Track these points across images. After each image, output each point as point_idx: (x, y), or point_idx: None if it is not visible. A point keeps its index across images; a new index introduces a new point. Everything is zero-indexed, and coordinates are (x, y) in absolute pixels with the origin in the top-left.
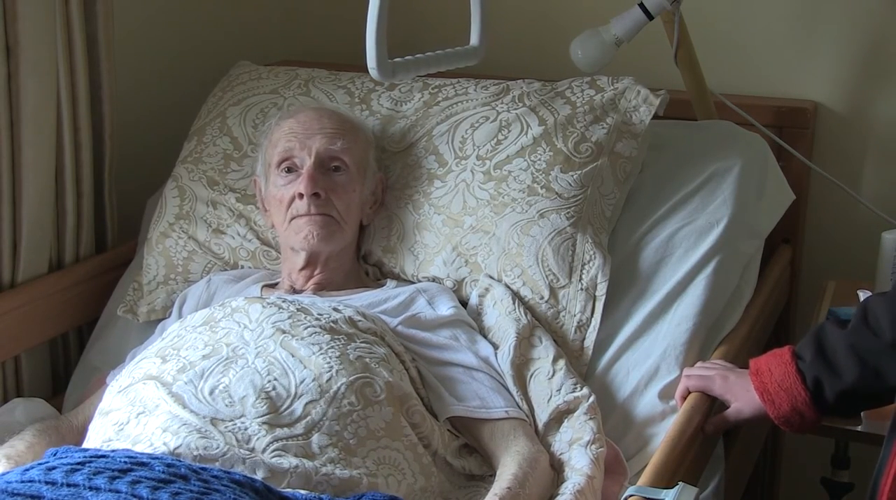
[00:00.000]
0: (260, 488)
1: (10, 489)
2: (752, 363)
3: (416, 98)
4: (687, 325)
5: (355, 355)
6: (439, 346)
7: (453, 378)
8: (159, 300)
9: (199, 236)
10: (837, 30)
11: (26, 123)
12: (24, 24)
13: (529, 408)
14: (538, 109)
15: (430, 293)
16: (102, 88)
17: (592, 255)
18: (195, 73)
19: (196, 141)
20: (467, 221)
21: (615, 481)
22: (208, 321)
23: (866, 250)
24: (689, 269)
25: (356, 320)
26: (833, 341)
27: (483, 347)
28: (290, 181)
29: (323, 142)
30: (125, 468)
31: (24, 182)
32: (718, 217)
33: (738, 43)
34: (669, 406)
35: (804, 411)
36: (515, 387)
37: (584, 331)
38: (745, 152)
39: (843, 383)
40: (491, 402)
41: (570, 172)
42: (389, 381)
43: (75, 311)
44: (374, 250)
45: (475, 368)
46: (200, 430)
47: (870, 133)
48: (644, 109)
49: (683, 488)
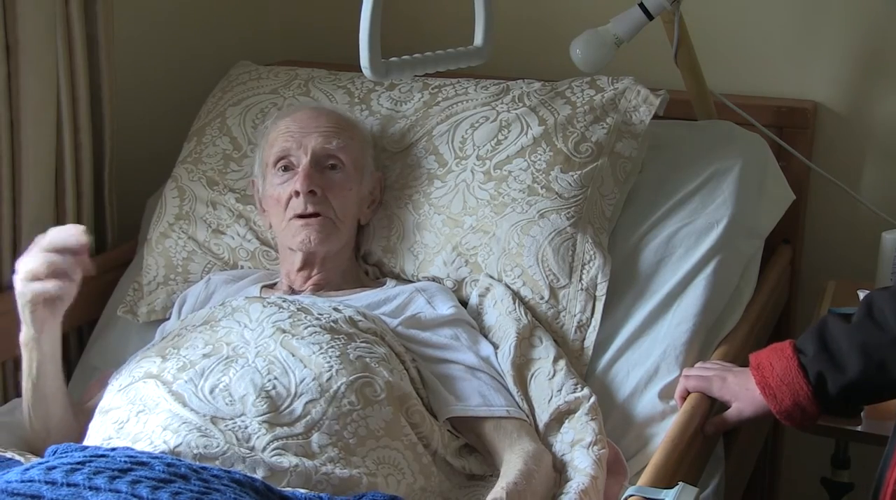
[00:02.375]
0: (260, 487)
1: (10, 488)
2: (752, 358)
3: (416, 98)
4: (687, 325)
5: (355, 354)
6: (440, 345)
7: (454, 377)
8: (159, 301)
9: (199, 237)
10: (837, 30)
11: (26, 123)
12: (24, 24)
13: (529, 408)
14: (538, 109)
15: (430, 293)
16: (102, 88)
17: (592, 255)
18: (195, 73)
19: (196, 141)
20: (467, 221)
21: (615, 481)
22: (208, 321)
23: (866, 250)
24: (689, 269)
25: (356, 319)
26: (837, 335)
27: (484, 347)
28: (286, 180)
29: (319, 140)
30: (125, 468)
31: (24, 182)
32: (718, 217)
33: (738, 43)
34: (669, 406)
35: (806, 406)
36: (515, 387)
37: (584, 331)
38: (745, 152)
39: (846, 377)
40: (493, 400)
41: (571, 172)
42: (389, 381)
43: (75, 311)
44: (374, 250)
45: (476, 367)
46: (200, 428)
47: (870, 133)
48: (644, 109)
49: (683, 488)
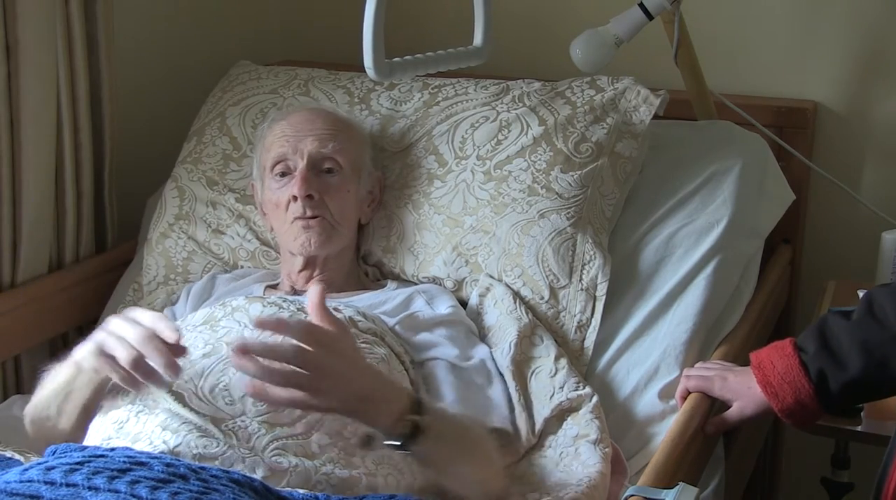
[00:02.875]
0: (259, 487)
1: (9, 488)
2: (752, 357)
3: (416, 98)
4: (687, 325)
5: None
6: (430, 345)
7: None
8: (159, 301)
9: (199, 237)
10: (837, 30)
11: (26, 123)
12: (24, 24)
13: (527, 403)
14: (538, 109)
15: (430, 294)
16: (102, 88)
17: (593, 255)
18: (195, 73)
19: (195, 141)
20: (467, 222)
21: (616, 480)
22: (208, 320)
23: (866, 250)
24: (689, 269)
25: (356, 320)
26: (837, 332)
27: (479, 350)
28: (284, 184)
29: (315, 145)
30: (124, 468)
31: (24, 182)
32: (718, 217)
33: (738, 43)
34: (669, 406)
35: (808, 404)
36: (514, 382)
37: (584, 331)
38: (745, 152)
39: (847, 374)
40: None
41: (571, 172)
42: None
43: (75, 311)
44: (374, 251)
45: (461, 366)
46: (200, 428)
47: (870, 133)
48: (644, 109)
49: (683, 488)
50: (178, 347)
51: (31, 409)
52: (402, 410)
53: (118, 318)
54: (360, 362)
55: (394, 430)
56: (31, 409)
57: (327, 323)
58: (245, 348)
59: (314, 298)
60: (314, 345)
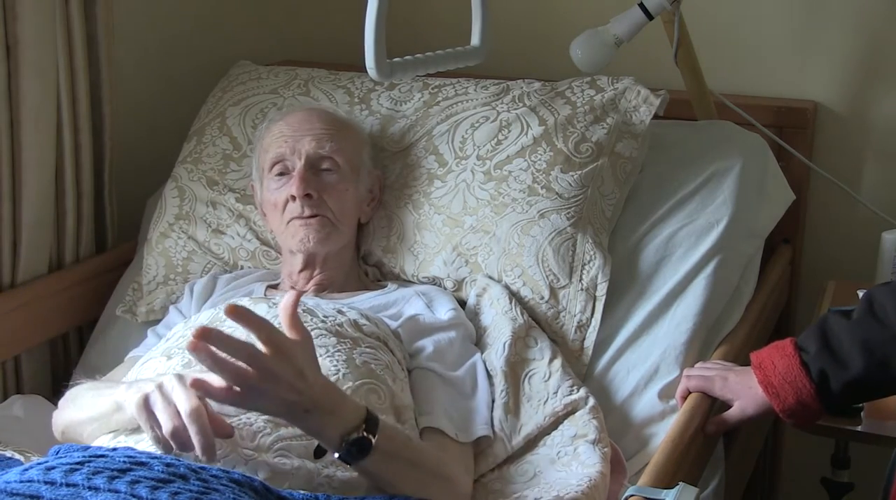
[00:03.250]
0: (259, 487)
1: (9, 488)
2: (753, 357)
3: (416, 98)
4: (687, 325)
5: (361, 360)
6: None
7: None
8: (159, 301)
9: (199, 237)
10: (837, 30)
11: (26, 123)
12: (24, 24)
13: (516, 404)
14: (538, 109)
15: (430, 296)
16: (102, 88)
17: (593, 255)
18: (195, 73)
19: (195, 141)
20: (467, 221)
21: (615, 480)
22: (213, 321)
23: (866, 250)
24: (689, 269)
25: (360, 323)
26: (838, 332)
27: (472, 356)
28: (282, 184)
29: (313, 144)
30: (124, 468)
31: (24, 182)
32: (718, 217)
33: (738, 43)
34: (669, 406)
35: (809, 404)
36: (506, 383)
37: (584, 331)
38: (745, 152)
39: (848, 374)
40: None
41: (571, 172)
42: (392, 389)
43: (75, 311)
44: (374, 250)
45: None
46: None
47: (870, 133)
48: (644, 109)
49: (683, 488)
50: (222, 426)
51: (64, 425)
52: (352, 426)
53: (176, 379)
54: (311, 375)
55: (339, 444)
56: (64, 425)
57: (293, 329)
58: (204, 334)
59: (287, 302)
60: (268, 347)
